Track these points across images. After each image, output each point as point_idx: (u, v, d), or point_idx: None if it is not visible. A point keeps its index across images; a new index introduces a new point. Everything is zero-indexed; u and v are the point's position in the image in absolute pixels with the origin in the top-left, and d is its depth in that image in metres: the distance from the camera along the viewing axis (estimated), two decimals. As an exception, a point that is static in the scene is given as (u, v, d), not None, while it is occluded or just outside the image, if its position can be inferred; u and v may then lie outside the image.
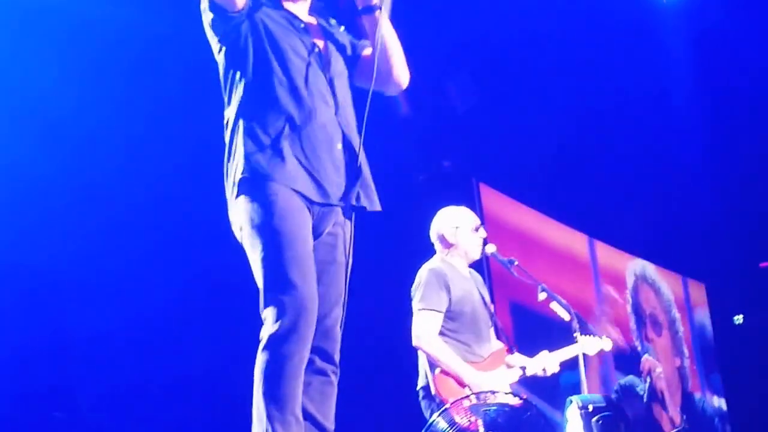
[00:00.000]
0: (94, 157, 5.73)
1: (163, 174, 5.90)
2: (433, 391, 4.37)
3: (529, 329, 6.23)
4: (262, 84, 2.93)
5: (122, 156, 5.81)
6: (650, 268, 8.76)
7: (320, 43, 3.07)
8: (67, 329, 6.01)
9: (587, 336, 4.75)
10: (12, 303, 5.65)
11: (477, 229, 4.64)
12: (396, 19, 3.21)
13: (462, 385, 4.30)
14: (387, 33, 3.04)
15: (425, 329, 4.37)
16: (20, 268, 5.75)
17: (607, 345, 4.89)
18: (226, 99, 3.02)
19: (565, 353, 4.63)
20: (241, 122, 2.92)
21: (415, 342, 4.39)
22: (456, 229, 4.61)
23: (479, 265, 5.05)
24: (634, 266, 8.63)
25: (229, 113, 2.99)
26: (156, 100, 5.72)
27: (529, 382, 4.73)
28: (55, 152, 5.60)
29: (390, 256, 5.97)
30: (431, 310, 4.41)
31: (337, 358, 2.96)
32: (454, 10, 6.24)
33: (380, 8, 3.02)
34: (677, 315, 8.82)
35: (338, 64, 3.08)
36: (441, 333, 4.43)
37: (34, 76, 5.40)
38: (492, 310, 4.71)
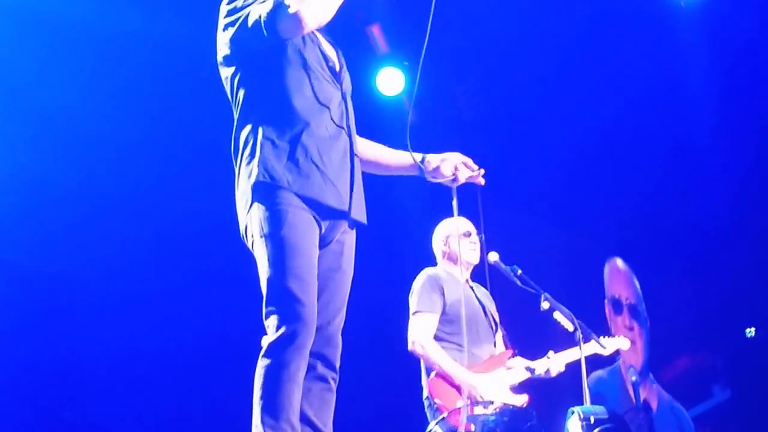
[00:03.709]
0: (113, 170, 5.80)
1: (173, 185, 5.95)
2: (426, 394, 4.40)
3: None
4: (279, 90, 2.94)
5: (138, 171, 5.89)
6: None
7: (335, 59, 3.13)
8: (76, 335, 6.05)
9: (601, 337, 4.78)
10: (24, 307, 5.70)
11: (467, 234, 4.72)
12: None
13: (456, 387, 4.31)
14: None
15: (419, 332, 4.44)
16: (32, 273, 5.80)
17: (624, 344, 4.89)
18: (235, 104, 3.02)
19: (575, 353, 4.61)
20: (256, 128, 2.93)
21: (410, 346, 4.45)
22: (447, 238, 4.75)
23: (481, 275, 5.04)
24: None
25: (240, 119, 2.99)
26: (163, 107, 5.74)
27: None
28: (75, 162, 5.67)
29: (393, 263, 5.96)
30: (425, 312, 4.48)
31: (337, 364, 2.98)
32: (463, 15, 6.21)
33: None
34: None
35: (347, 81, 3.15)
36: (438, 337, 4.48)
37: (46, 85, 5.44)
38: (497, 320, 4.71)
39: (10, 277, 5.76)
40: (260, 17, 2.83)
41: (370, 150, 3.27)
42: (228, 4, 2.98)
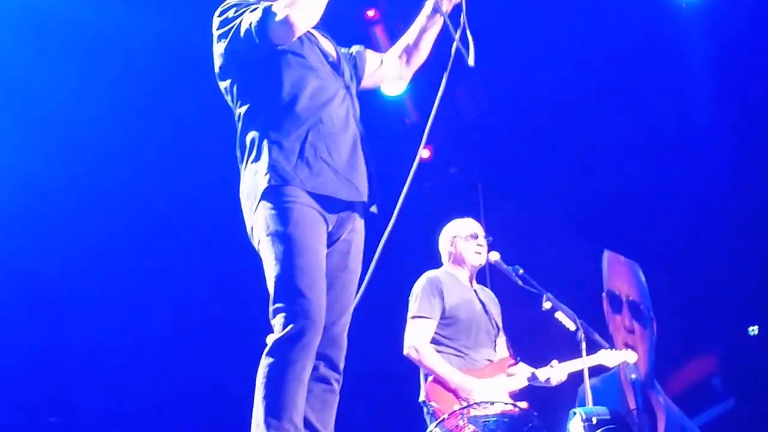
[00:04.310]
0: (110, 170, 5.79)
1: (172, 186, 5.93)
2: (423, 397, 4.38)
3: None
4: (282, 94, 2.92)
5: (137, 171, 5.87)
6: None
7: (334, 53, 3.12)
8: (64, 339, 6.03)
9: (608, 349, 4.76)
10: (12, 310, 5.69)
11: (474, 236, 4.69)
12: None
13: (453, 391, 4.29)
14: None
15: (415, 337, 4.41)
16: (21, 276, 5.79)
17: (630, 357, 4.89)
18: (237, 110, 3.00)
19: (579, 364, 4.58)
20: (261, 132, 2.92)
21: (405, 351, 4.42)
22: (454, 239, 4.71)
23: (483, 275, 5.03)
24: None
25: (244, 124, 2.98)
26: (162, 107, 5.73)
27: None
28: (71, 162, 5.66)
29: (396, 262, 5.94)
30: (422, 317, 4.44)
31: (341, 366, 2.96)
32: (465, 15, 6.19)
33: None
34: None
35: (348, 72, 3.13)
36: (436, 341, 4.45)
37: (44, 86, 5.43)
38: (500, 325, 4.70)
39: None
40: (251, 26, 2.83)
41: (399, 46, 3.33)
42: (219, 15, 2.97)
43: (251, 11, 2.87)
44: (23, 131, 5.57)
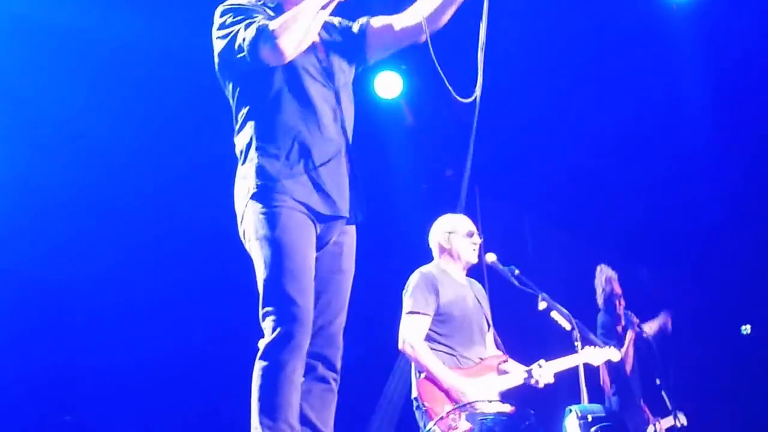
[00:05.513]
0: (110, 177, 5.81)
1: (172, 191, 5.96)
2: (415, 394, 4.37)
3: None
4: (273, 98, 2.97)
5: (135, 178, 5.89)
6: None
7: (324, 57, 3.12)
8: (77, 340, 6.08)
9: (591, 346, 4.74)
10: (25, 313, 5.73)
11: (470, 235, 4.67)
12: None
13: (445, 391, 4.29)
14: None
15: (410, 333, 4.40)
16: (33, 280, 5.83)
17: (614, 355, 4.87)
18: (233, 108, 3.06)
19: (565, 363, 4.59)
20: (251, 134, 2.97)
21: (400, 345, 4.41)
22: (449, 234, 4.67)
23: (479, 275, 5.05)
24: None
25: (239, 125, 3.02)
26: (163, 113, 5.76)
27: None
28: (73, 169, 5.69)
29: (393, 263, 5.98)
30: (418, 313, 4.43)
31: (338, 365, 3.01)
32: (460, 18, 6.24)
33: None
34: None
35: (342, 76, 3.13)
36: (430, 338, 4.44)
37: (48, 93, 5.46)
38: (490, 320, 4.70)
39: (11, 283, 5.78)
40: (244, 42, 2.86)
41: (416, 9, 3.15)
42: (220, 17, 3.01)
43: (246, 26, 2.89)
44: (28, 139, 5.61)
